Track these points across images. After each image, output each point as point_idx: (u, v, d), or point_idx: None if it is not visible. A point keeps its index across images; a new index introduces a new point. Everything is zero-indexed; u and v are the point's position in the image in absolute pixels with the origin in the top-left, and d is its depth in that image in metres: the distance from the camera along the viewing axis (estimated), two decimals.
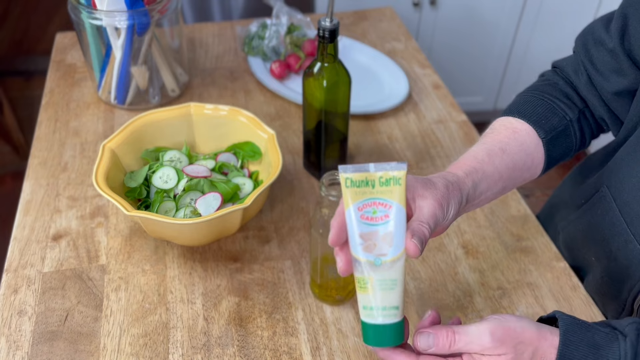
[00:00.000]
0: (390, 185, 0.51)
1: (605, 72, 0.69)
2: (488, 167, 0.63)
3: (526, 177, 0.69)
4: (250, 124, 0.88)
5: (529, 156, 0.67)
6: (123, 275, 0.80)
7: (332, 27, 0.77)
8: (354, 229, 0.50)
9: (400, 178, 0.51)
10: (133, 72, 1.04)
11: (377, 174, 0.51)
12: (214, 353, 0.71)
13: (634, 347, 0.51)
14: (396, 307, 0.51)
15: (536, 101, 0.72)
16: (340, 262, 0.52)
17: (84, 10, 0.97)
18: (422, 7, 1.94)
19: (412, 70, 1.21)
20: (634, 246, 0.66)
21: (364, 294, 0.50)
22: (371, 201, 0.50)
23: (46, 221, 0.87)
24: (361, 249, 0.50)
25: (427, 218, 0.52)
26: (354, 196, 0.50)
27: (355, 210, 0.50)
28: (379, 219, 0.50)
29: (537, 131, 0.68)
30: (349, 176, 0.51)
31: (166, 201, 0.82)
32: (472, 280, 0.81)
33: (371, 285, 0.50)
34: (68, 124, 1.06)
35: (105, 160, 0.81)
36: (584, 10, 1.98)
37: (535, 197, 2.09)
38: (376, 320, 0.51)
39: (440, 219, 0.53)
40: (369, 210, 0.50)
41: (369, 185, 0.50)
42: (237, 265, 0.82)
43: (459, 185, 0.58)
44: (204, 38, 1.29)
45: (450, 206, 0.55)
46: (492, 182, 0.63)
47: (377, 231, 0.50)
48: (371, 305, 0.50)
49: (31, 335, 0.73)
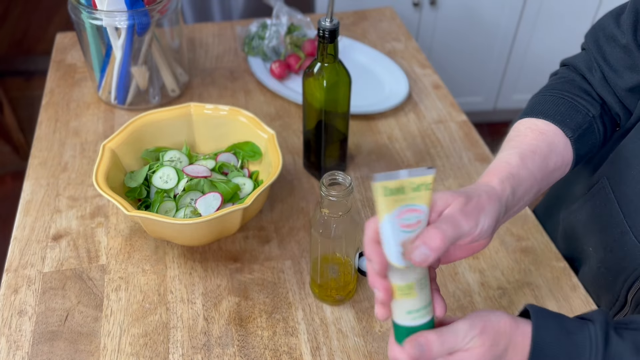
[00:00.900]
0: (421, 191, 0.50)
1: (619, 68, 0.69)
2: (523, 172, 0.61)
3: (557, 176, 0.67)
4: (250, 124, 0.88)
5: (559, 156, 0.66)
6: (123, 275, 0.80)
7: (332, 27, 0.77)
8: (393, 238, 0.49)
9: (430, 182, 0.50)
10: (133, 72, 1.04)
11: (409, 180, 0.49)
12: (214, 353, 0.72)
13: (604, 330, 0.51)
14: (429, 302, 0.52)
15: (557, 100, 0.70)
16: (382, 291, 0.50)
17: (84, 10, 0.97)
18: (422, 7, 1.94)
19: (412, 70, 1.21)
20: (629, 238, 0.67)
21: (410, 298, 0.50)
22: (406, 208, 0.49)
23: (46, 221, 0.88)
24: (401, 257, 0.49)
25: (444, 224, 0.50)
26: (391, 204, 0.49)
27: (393, 218, 0.49)
28: (414, 225, 0.50)
29: (565, 131, 0.67)
30: (387, 185, 0.49)
31: (166, 201, 0.82)
32: (472, 280, 0.81)
33: (415, 288, 0.50)
34: (68, 124, 1.06)
35: (105, 160, 0.81)
36: (584, 10, 1.98)
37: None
38: (424, 319, 0.52)
39: (466, 227, 0.51)
40: (406, 217, 0.49)
41: (403, 193, 0.49)
42: (237, 265, 0.82)
43: (497, 195, 0.56)
44: (204, 38, 1.29)
45: (482, 216, 0.52)
46: (528, 186, 0.61)
47: (411, 237, 0.50)
48: (417, 308, 0.51)
49: (31, 335, 0.73)
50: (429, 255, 0.47)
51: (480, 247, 0.57)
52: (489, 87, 2.20)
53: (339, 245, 0.71)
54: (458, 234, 0.50)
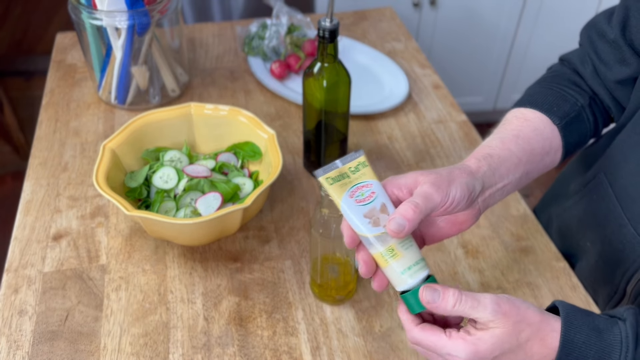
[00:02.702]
0: (361, 170, 0.57)
1: (609, 62, 0.70)
2: (504, 153, 0.63)
3: (547, 162, 0.69)
4: (251, 124, 0.88)
5: (546, 140, 0.67)
6: (123, 275, 0.80)
7: (332, 27, 0.77)
8: (356, 214, 0.54)
9: (364, 161, 0.57)
10: (133, 72, 1.04)
11: (346, 166, 0.57)
12: (214, 353, 0.72)
13: (634, 328, 0.52)
14: (421, 258, 0.55)
15: (545, 91, 0.72)
16: (362, 263, 0.55)
17: (84, 10, 0.97)
18: (422, 7, 1.94)
19: (412, 70, 1.21)
20: (627, 230, 0.67)
21: (397, 259, 0.54)
22: (355, 187, 0.56)
23: (46, 221, 0.88)
24: (370, 227, 0.54)
25: (416, 197, 0.53)
26: (340, 189, 0.56)
27: (347, 199, 0.55)
28: (369, 198, 0.55)
29: (551, 118, 0.69)
30: (328, 176, 0.56)
31: (166, 201, 0.82)
32: (471, 280, 0.81)
33: (397, 249, 0.54)
34: (68, 124, 1.06)
35: (105, 160, 0.81)
36: (584, 11, 1.98)
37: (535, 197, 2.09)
38: (421, 273, 0.54)
39: (437, 198, 0.53)
40: (358, 194, 0.55)
41: (345, 177, 0.56)
42: (237, 265, 0.82)
43: (468, 170, 0.58)
44: (204, 38, 1.29)
45: (453, 187, 0.55)
46: (511, 166, 0.63)
47: (374, 207, 0.55)
48: (409, 265, 0.54)
49: (32, 335, 0.73)
50: (404, 225, 0.51)
51: (464, 225, 0.60)
52: (489, 87, 2.21)
53: (339, 245, 0.71)
54: (430, 206, 0.53)
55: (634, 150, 0.67)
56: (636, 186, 0.66)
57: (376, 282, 0.56)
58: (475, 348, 0.51)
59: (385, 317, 0.76)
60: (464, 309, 0.51)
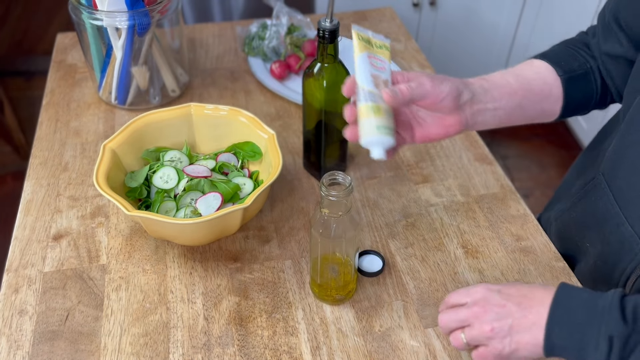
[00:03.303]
0: (383, 49, 0.67)
1: (607, 36, 0.73)
2: (500, 80, 0.71)
3: (545, 107, 0.74)
4: (251, 124, 0.88)
5: (547, 85, 0.73)
6: (124, 275, 0.81)
7: (332, 28, 0.77)
8: (367, 69, 0.64)
9: (389, 46, 0.69)
10: (133, 73, 1.04)
11: (376, 39, 0.68)
12: (214, 353, 0.72)
13: (621, 292, 0.57)
14: (394, 129, 0.65)
15: (559, 48, 0.79)
16: (348, 112, 0.66)
17: (85, 10, 0.97)
18: (422, 7, 1.94)
19: (412, 70, 1.21)
20: (625, 229, 0.68)
21: (379, 116, 0.63)
22: (374, 55, 0.66)
23: (47, 221, 0.88)
24: (372, 84, 0.64)
25: (411, 81, 0.64)
26: (363, 47, 0.66)
27: (366, 57, 0.65)
28: (381, 68, 0.65)
29: (556, 69, 0.74)
30: (360, 32, 0.67)
31: (167, 201, 0.82)
32: (471, 280, 0.81)
33: (382, 111, 0.63)
34: (69, 124, 1.06)
35: (105, 160, 0.81)
36: (584, 11, 1.98)
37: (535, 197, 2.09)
38: (390, 136, 0.63)
39: (428, 86, 0.64)
40: (374, 60, 0.65)
41: (370, 45, 0.67)
42: (237, 265, 0.82)
43: (460, 80, 0.68)
44: (204, 38, 1.30)
45: (443, 83, 0.65)
46: (505, 93, 0.70)
47: (380, 76, 0.65)
48: (385, 125, 0.63)
49: (32, 334, 0.73)
50: (398, 94, 0.63)
51: (450, 129, 0.69)
52: None
53: (339, 245, 0.71)
54: (422, 91, 0.64)
55: (629, 150, 0.67)
56: (633, 185, 0.67)
57: (349, 131, 0.66)
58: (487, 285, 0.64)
59: (385, 317, 0.76)
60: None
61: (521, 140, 2.30)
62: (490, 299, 0.61)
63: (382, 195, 0.93)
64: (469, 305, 0.63)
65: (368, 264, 0.81)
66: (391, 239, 0.86)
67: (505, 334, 0.59)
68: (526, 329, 0.59)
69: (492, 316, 0.60)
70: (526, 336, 0.58)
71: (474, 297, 0.63)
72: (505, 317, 0.60)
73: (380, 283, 0.80)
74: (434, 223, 0.89)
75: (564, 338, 0.57)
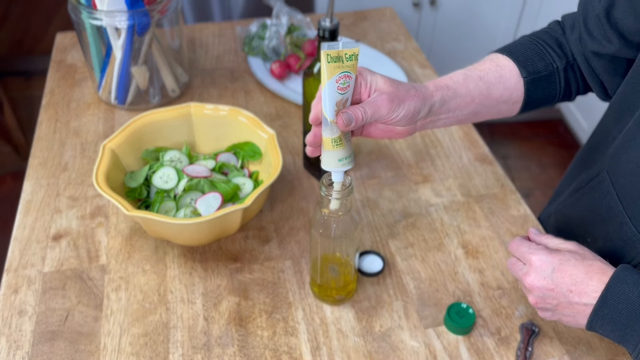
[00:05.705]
0: (353, 60, 0.60)
1: (595, 34, 0.72)
2: (461, 89, 0.70)
3: (502, 109, 0.74)
4: (251, 124, 0.88)
5: (507, 90, 0.73)
6: (123, 275, 0.80)
7: (332, 28, 0.77)
8: (332, 99, 0.60)
9: (357, 54, 0.61)
10: (133, 72, 1.04)
11: (346, 50, 0.60)
12: (214, 353, 0.72)
13: None
14: (352, 152, 0.65)
15: (528, 44, 0.76)
16: (312, 136, 0.64)
17: (84, 10, 0.97)
18: (422, 7, 1.94)
19: (412, 70, 1.21)
20: (628, 228, 0.68)
21: (340, 149, 0.62)
22: (343, 74, 0.60)
23: (46, 221, 0.88)
24: (334, 114, 0.61)
25: (368, 105, 0.62)
26: (332, 71, 0.59)
27: (333, 82, 0.60)
28: (346, 89, 0.61)
29: (520, 70, 0.73)
30: (329, 51, 0.59)
31: (166, 201, 0.82)
32: (471, 280, 0.81)
33: (343, 140, 0.62)
34: (68, 124, 1.06)
35: (105, 160, 0.81)
36: None
37: (535, 197, 2.09)
38: (349, 166, 0.64)
39: (384, 112, 0.63)
40: (342, 82, 0.60)
41: (339, 61, 0.60)
42: (237, 265, 0.82)
43: (424, 94, 0.66)
44: (204, 38, 1.29)
45: (401, 107, 0.64)
46: (462, 104, 0.70)
47: (345, 98, 0.61)
48: (346, 155, 0.63)
49: (31, 335, 0.73)
50: (352, 121, 0.61)
51: (398, 135, 0.69)
52: None
53: (339, 245, 0.71)
54: (377, 116, 0.63)
55: (636, 149, 0.67)
56: (637, 185, 0.67)
57: (311, 150, 0.66)
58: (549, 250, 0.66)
59: (385, 317, 0.76)
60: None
61: (521, 140, 2.30)
62: (541, 274, 0.65)
63: (382, 195, 0.93)
64: (525, 268, 0.67)
65: (368, 264, 0.81)
66: (391, 239, 0.86)
67: (549, 307, 0.66)
68: (569, 315, 0.64)
69: (538, 293, 0.65)
70: (568, 318, 0.65)
71: (529, 262, 0.66)
72: (551, 298, 0.65)
73: (380, 283, 0.80)
74: (434, 223, 0.89)
75: (606, 331, 0.63)
